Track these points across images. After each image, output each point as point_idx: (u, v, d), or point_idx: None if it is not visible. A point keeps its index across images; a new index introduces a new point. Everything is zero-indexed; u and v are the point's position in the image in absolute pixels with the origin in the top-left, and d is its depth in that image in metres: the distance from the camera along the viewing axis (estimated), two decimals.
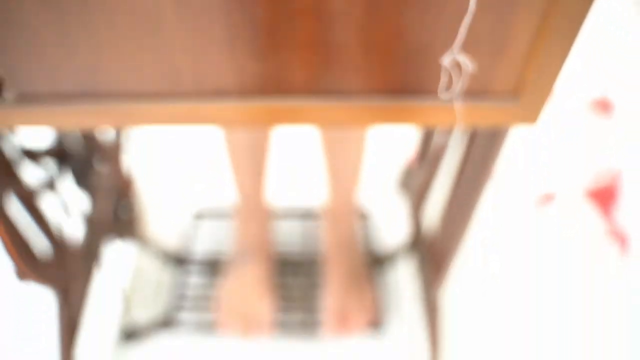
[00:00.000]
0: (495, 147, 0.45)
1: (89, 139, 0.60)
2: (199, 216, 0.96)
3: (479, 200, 0.55)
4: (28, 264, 0.51)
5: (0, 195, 0.46)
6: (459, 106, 0.34)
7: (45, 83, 0.35)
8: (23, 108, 0.36)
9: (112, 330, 0.85)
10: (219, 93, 0.35)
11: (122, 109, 0.36)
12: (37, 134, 0.59)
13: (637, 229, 1.01)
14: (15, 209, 0.50)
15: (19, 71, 0.34)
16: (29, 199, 0.52)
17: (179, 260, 0.89)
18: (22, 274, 0.53)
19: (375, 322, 0.81)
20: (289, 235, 0.94)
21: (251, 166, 0.77)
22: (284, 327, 0.81)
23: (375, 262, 0.88)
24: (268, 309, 0.80)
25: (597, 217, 1.04)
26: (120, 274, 0.72)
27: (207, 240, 0.94)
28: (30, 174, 0.53)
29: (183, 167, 1.12)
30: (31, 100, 0.36)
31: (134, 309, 0.86)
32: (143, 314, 0.87)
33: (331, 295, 0.81)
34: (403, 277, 0.93)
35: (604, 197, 1.07)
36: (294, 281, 0.87)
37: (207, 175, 1.09)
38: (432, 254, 0.76)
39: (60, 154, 0.55)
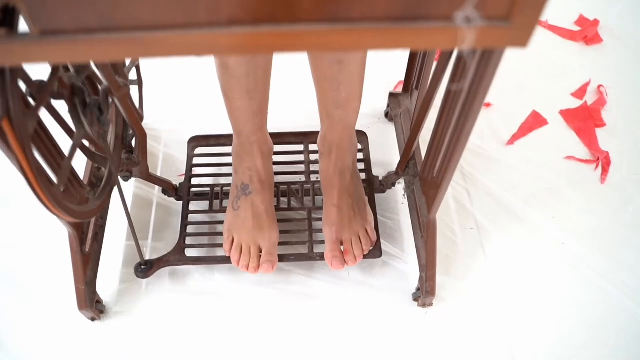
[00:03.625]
0: (488, 70, 0.48)
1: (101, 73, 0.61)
2: (193, 142, 0.98)
3: (471, 124, 0.59)
4: (48, 195, 0.54)
5: (20, 129, 0.48)
6: (465, 28, 0.36)
7: (66, 17, 0.36)
8: (45, 43, 0.38)
9: (120, 260, 0.90)
10: (232, 22, 0.37)
11: (140, 41, 0.38)
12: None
13: (621, 154, 1.06)
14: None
15: (41, 6, 0.36)
16: (46, 134, 0.55)
17: (180, 192, 0.92)
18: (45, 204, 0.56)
19: (376, 251, 0.86)
20: (287, 166, 0.97)
21: (251, 106, 0.79)
22: (287, 258, 0.86)
23: (372, 189, 0.93)
24: (274, 238, 0.84)
25: (574, 139, 1.09)
26: (128, 207, 0.75)
27: (201, 170, 0.97)
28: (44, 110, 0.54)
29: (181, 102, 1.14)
30: (53, 34, 0.37)
31: (141, 239, 0.90)
32: (149, 244, 0.92)
33: (328, 225, 0.85)
34: (399, 203, 0.98)
35: (583, 118, 1.11)
36: (295, 213, 0.92)
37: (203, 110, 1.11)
38: (425, 179, 0.81)
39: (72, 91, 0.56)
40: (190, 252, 0.87)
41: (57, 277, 0.86)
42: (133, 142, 0.80)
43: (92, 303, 0.80)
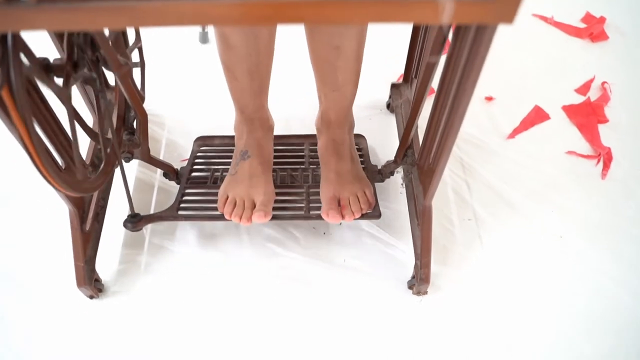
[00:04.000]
0: (480, 49, 0.48)
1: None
2: (198, 141, 0.99)
3: (464, 106, 0.59)
4: (52, 173, 0.55)
5: (20, 98, 0.49)
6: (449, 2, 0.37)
7: None
8: (42, 10, 0.39)
9: (120, 241, 0.92)
10: None
11: (135, 9, 0.39)
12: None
13: (623, 150, 1.06)
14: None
15: None
16: (46, 107, 0.56)
17: (181, 176, 0.93)
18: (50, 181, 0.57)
19: (374, 212, 0.86)
20: (288, 159, 0.98)
21: (253, 84, 0.80)
22: (282, 216, 0.86)
23: (371, 178, 0.93)
24: (269, 194, 0.85)
25: (576, 134, 1.09)
26: (128, 187, 0.76)
27: (203, 160, 0.98)
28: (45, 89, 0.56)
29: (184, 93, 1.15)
30: (50, 1, 0.39)
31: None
32: (149, 226, 0.93)
33: (326, 188, 0.86)
34: (397, 192, 0.99)
35: (585, 113, 1.11)
36: (292, 189, 0.92)
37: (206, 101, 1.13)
38: (421, 167, 0.81)
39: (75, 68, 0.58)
40: (182, 213, 0.87)
41: (57, 273, 0.87)
42: (135, 124, 0.82)
43: (90, 280, 0.81)
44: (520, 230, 0.94)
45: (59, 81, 0.57)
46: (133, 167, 1.00)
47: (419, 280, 0.83)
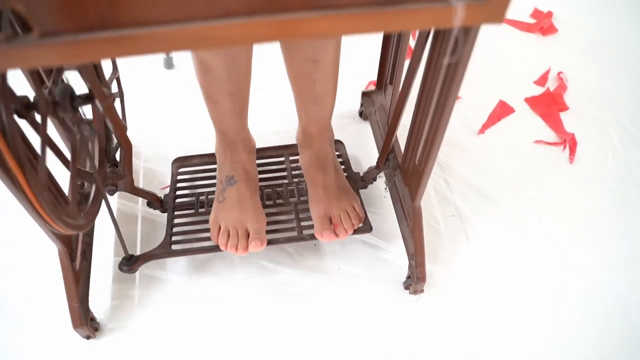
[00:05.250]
0: (466, 47, 0.51)
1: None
2: (177, 163, 0.98)
3: (451, 105, 0.62)
4: (50, 212, 0.54)
5: (15, 143, 0.48)
6: (457, 6, 0.39)
7: (66, 17, 0.38)
8: (46, 45, 0.38)
9: (110, 276, 0.89)
10: (227, 14, 0.39)
11: (139, 37, 0.39)
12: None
13: (586, 135, 1.12)
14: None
15: (41, 7, 0.37)
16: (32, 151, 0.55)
17: (165, 204, 0.92)
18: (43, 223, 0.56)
19: (366, 226, 0.88)
20: (270, 174, 0.98)
21: (234, 107, 0.80)
22: (276, 241, 0.86)
23: (354, 186, 0.95)
24: (261, 221, 0.84)
25: (541, 124, 1.15)
26: (114, 221, 0.75)
27: (186, 184, 0.97)
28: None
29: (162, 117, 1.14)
30: (53, 35, 0.38)
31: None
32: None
33: (315, 205, 0.87)
34: (381, 197, 1.00)
35: (547, 103, 1.17)
36: (280, 208, 0.92)
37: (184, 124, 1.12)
38: (405, 170, 0.84)
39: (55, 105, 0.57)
40: (176, 247, 0.86)
41: (47, 300, 0.85)
42: (116, 156, 0.80)
43: (86, 321, 0.79)
44: (501, 221, 0.98)
45: (38, 118, 0.55)
46: (113, 200, 0.98)
47: (416, 279, 0.84)
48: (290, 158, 0.99)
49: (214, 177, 0.96)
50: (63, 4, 0.37)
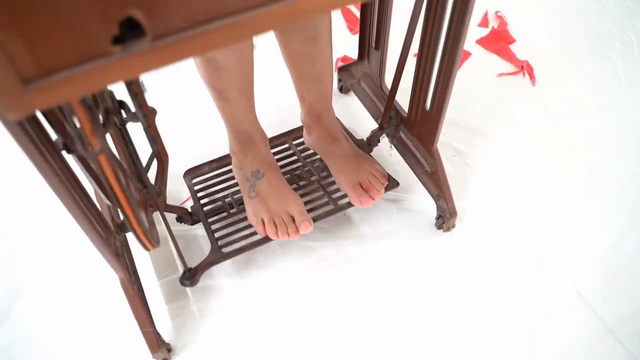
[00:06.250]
0: None
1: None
2: (188, 174, 0.99)
3: (462, 44, 0.69)
4: (142, 224, 0.55)
5: (112, 159, 0.49)
6: None
7: (176, 17, 0.40)
8: (157, 48, 0.41)
9: (162, 299, 0.89)
10: None
11: (238, 23, 0.42)
12: None
13: (537, 59, 1.24)
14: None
15: (156, 11, 0.39)
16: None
17: (195, 215, 0.93)
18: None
19: (393, 182, 0.94)
20: (281, 162, 1.02)
21: (245, 100, 0.83)
22: (319, 217, 0.90)
23: (361, 148, 1.00)
24: (299, 203, 0.88)
25: (497, 59, 1.26)
26: (173, 238, 0.76)
27: (205, 192, 0.98)
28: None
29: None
30: (163, 37, 0.41)
31: (172, 274, 0.90)
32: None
33: (341, 175, 0.91)
34: (387, 156, 1.06)
35: (496, 40, 1.28)
36: (306, 189, 0.96)
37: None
38: (411, 121, 0.90)
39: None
40: (227, 250, 0.88)
41: (110, 334, 0.84)
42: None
43: (162, 344, 0.79)
44: (495, 149, 1.08)
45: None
46: None
47: (449, 215, 0.92)
48: (294, 142, 1.03)
49: (229, 179, 0.98)
50: (177, 5, 0.39)
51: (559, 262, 0.90)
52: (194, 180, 0.98)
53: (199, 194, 0.96)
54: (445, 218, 0.93)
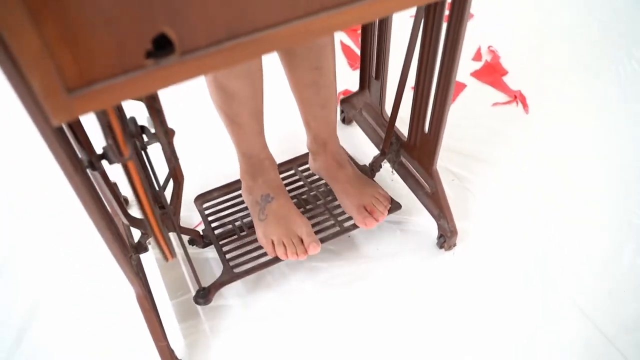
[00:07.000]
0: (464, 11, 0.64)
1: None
2: (199, 199, 1.03)
3: (455, 71, 0.75)
4: (164, 232, 0.59)
5: (139, 169, 0.54)
6: None
7: (202, 35, 0.46)
8: (185, 61, 0.46)
9: (174, 318, 0.92)
10: (323, 9, 0.49)
11: (258, 40, 0.48)
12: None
13: (529, 88, 1.31)
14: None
15: (186, 29, 0.45)
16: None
17: (206, 239, 0.97)
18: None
19: (396, 205, 0.98)
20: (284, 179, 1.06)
21: (256, 126, 0.88)
22: (326, 238, 0.94)
23: (364, 174, 1.04)
24: (308, 226, 0.92)
25: (491, 90, 1.33)
26: (188, 256, 0.80)
27: (215, 216, 1.03)
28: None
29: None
30: (190, 52, 0.46)
31: (184, 295, 0.93)
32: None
33: (346, 198, 0.96)
34: (389, 181, 1.11)
35: (489, 72, 1.35)
36: (312, 212, 1.00)
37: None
38: (411, 146, 0.95)
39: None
40: (238, 270, 0.91)
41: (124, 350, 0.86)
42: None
43: (175, 358, 0.81)
44: (493, 171, 1.13)
45: None
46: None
47: (450, 234, 0.95)
48: (300, 169, 1.08)
49: (238, 204, 1.02)
50: (201, 22, 0.45)
51: (557, 276, 0.94)
52: (205, 205, 1.03)
53: (209, 218, 1.00)
54: (446, 237, 0.96)
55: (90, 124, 0.61)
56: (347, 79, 1.36)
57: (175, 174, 0.77)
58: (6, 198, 1.13)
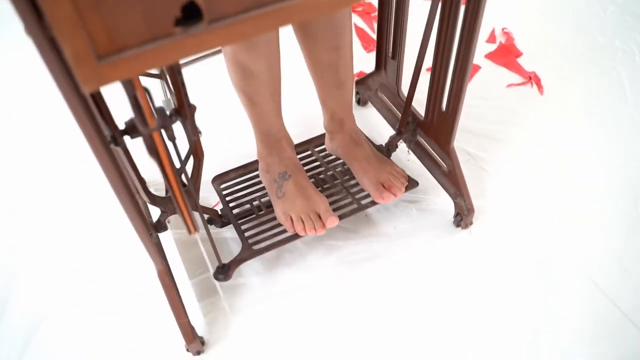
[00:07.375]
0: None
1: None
2: (217, 180, 1.04)
3: (474, 46, 0.75)
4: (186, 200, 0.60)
5: (161, 140, 0.54)
6: None
7: (230, 3, 0.46)
8: (213, 30, 0.47)
9: (194, 297, 0.93)
10: None
11: (283, 9, 0.48)
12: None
13: (544, 69, 1.30)
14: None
15: None
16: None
17: (225, 218, 0.97)
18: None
19: (413, 182, 0.99)
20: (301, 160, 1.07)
21: (274, 105, 0.89)
22: (344, 215, 0.95)
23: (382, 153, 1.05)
24: (325, 202, 0.92)
25: (506, 72, 1.32)
26: (208, 233, 0.81)
27: (233, 196, 1.03)
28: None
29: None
30: (218, 20, 0.47)
31: (203, 273, 0.94)
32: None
33: (364, 175, 0.96)
34: (404, 161, 1.11)
35: (504, 54, 1.35)
36: (330, 191, 1.01)
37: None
38: (428, 124, 0.95)
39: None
40: (257, 247, 0.92)
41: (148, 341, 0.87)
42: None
43: (196, 335, 0.82)
44: (507, 152, 1.12)
45: None
46: (166, 234, 1.02)
47: (467, 212, 0.95)
48: (316, 149, 1.08)
49: (255, 184, 1.03)
50: None
51: (572, 253, 0.94)
52: (222, 186, 1.03)
53: (227, 199, 1.01)
54: (463, 215, 0.97)
55: (112, 100, 0.62)
56: (362, 61, 1.36)
57: (196, 149, 0.78)
58: (6, 198, 1.13)
